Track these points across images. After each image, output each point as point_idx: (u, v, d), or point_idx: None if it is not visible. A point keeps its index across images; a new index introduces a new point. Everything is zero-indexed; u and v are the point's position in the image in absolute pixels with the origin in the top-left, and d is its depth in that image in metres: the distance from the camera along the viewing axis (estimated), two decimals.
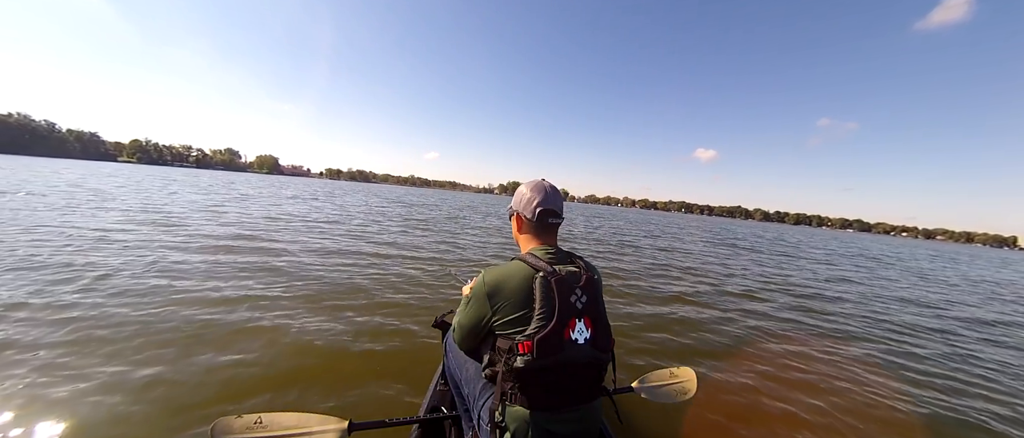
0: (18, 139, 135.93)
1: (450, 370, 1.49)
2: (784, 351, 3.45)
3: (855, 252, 19.22)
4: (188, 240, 5.75)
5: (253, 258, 4.95)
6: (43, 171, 22.74)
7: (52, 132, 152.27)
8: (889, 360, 3.47)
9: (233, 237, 6.35)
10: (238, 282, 3.86)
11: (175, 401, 1.92)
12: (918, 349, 3.85)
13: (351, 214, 12.86)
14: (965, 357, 3.74)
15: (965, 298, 7.54)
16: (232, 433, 1.21)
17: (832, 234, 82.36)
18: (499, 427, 1.08)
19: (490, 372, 1.13)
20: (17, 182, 13.10)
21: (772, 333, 3.95)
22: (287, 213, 11.18)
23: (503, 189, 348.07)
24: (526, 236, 1.28)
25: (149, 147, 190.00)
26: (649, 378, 1.80)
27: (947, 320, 5.32)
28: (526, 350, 1.03)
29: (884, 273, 10.69)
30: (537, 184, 1.27)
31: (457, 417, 1.52)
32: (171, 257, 4.60)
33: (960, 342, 4.26)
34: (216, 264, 4.47)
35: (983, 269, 16.59)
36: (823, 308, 5.31)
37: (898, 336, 4.26)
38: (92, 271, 3.73)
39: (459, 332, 1.22)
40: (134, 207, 9.07)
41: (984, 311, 6.32)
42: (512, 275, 1.10)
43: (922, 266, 14.80)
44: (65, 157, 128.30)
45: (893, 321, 4.92)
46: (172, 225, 6.96)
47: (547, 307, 1.04)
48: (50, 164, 39.40)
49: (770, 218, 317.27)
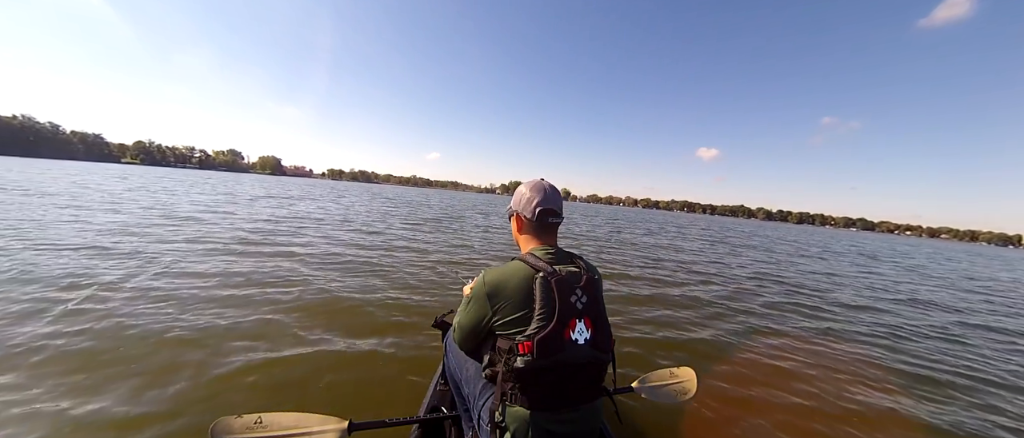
0: (22, 141, 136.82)
1: (450, 370, 1.49)
2: (785, 351, 3.43)
3: (856, 251, 19.14)
4: (190, 241, 5.77)
5: (253, 258, 4.96)
6: (56, 173, 22.85)
7: (56, 134, 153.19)
8: (889, 358, 3.45)
9: (233, 238, 6.37)
10: (235, 282, 3.87)
11: (175, 401, 1.92)
12: (918, 348, 3.83)
13: (353, 214, 12.88)
14: (965, 358, 3.71)
15: (965, 296, 7.50)
16: (232, 433, 1.21)
17: (834, 233, 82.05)
18: (499, 427, 1.08)
19: (490, 372, 1.13)
20: (69, 186, 13.18)
21: (772, 332, 3.93)
22: (288, 214, 11.21)
23: (504, 189, 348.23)
24: (526, 236, 1.28)
25: (152, 148, 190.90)
26: (649, 378, 1.80)
27: (949, 319, 5.29)
28: (526, 350, 1.03)
29: (879, 269, 10.65)
30: (536, 184, 1.27)
31: (457, 417, 1.52)
32: (167, 258, 4.61)
33: (966, 342, 4.23)
34: (215, 266, 4.48)
35: (981, 268, 16.49)
36: (824, 307, 5.28)
37: (898, 335, 4.23)
38: (91, 279, 3.75)
39: (459, 332, 1.22)
40: (147, 205, 9.11)
41: (984, 313, 6.28)
42: (512, 275, 1.10)
43: (921, 264, 14.73)
44: (69, 159, 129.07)
45: (893, 320, 4.89)
46: (181, 224, 7.00)
47: (547, 307, 1.04)
48: (56, 166, 39.60)
49: (773, 217, 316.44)
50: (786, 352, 3.40)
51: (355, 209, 15.53)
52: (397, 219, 12.53)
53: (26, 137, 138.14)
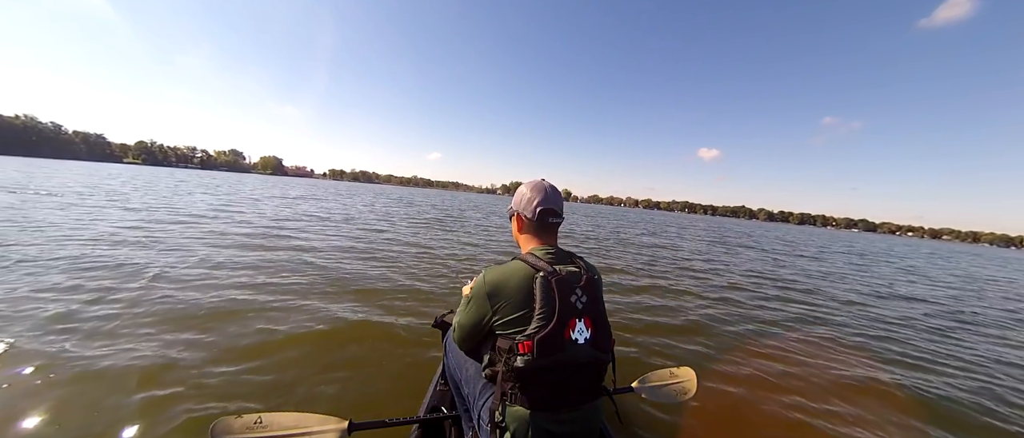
0: (25, 140, 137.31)
1: (450, 370, 1.49)
2: (784, 350, 3.42)
3: (856, 251, 19.10)
4: (194, 241, 5.78)
5: (251, 257, 4.96)
6: (80, 173, 22.92)
7: (58, 134, 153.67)
8: (888, 358, 3.44)
9: (237, 239, 6.38)
10: (236, 282, 3.88)
11: (173, 400, 1.92)
12: (918, 347, 3.81)
13: (354, 214, 12.89)
14: (965, 358, 3.70)
15: (964, 295, 7.48)
16: (232, 433, 1.20)
17: (835, 234, 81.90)
18: (499, 427, 1.08)
19: (490, 372, 1.12)
20: (89, 185, 13.22)
21: (772, 332, 3.92)
22: (291, 214, 11.22)
23: (505, 189, 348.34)
24: (526, 236, 1.28)
25: (154, 148, 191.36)
26: (649, 378, 1.79)
27: (948, 318, 5.27)
28: (526, 350, 1.02)
29: (880, 270, 10.61)
30: (537, 184, 1.28)
31: (457, 417, 1.52)
32: (167, 259, 4.62)
33: (965, 341, 4.22)
34: (217, 265, 4.49)
35: (977, 269, 16.44)
36: (823, 306, 5.27)
37: (897, 334, 4.22)
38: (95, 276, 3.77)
39: (459, 332, 1.22)
40: (153, 206, 9.13)
41: (980, 307, 6.26)
42: (512, 275, 1.10)
43: (920, 264, 14.69)
44: (71, 158, 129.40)
45: (892, 319, 4.88)
46: (185, 223, 7.02)
47: (547, 307, 1.04)
48: (63, 166, 39.72)
49: (774, 218, 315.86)
50: (786, 351, 3.39)
51: (358, 208, 15.55)
52: (398, 218, 12.54)
53: (29, 137, 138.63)
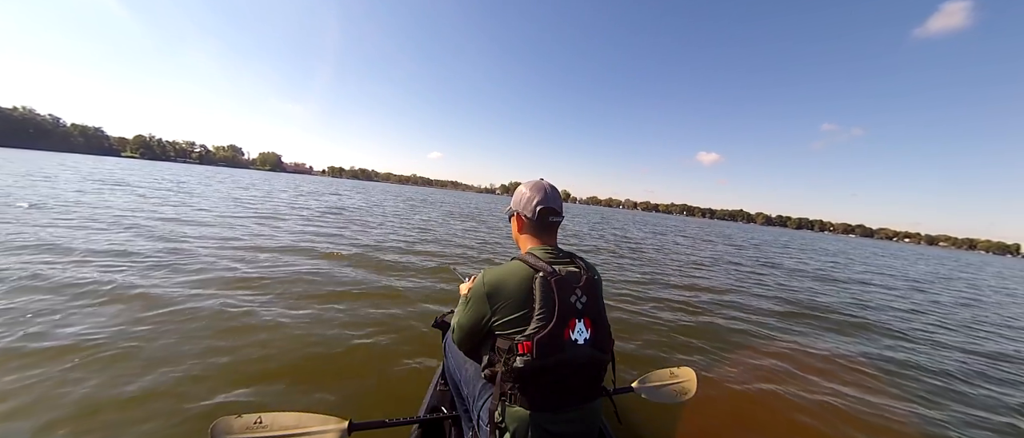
0: (22, 133, 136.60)
1: (450, 370, 1.49)
2: (784, 350, 3.44)
3: (856, 257, 19.16)
4: (184, 240, 5.76)
5: (251, 257, 4.95)
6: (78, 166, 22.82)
7: (56, 126, 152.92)
8: (886, 358, 3.46)
9: (232, 236, 6.36)
10: (233, 281, 3.87)
11: (173, 400, 1.92)
12: (913, 353, 3.82)
13: (355, 213, 12.87)
14: (966, 357, 3.71)
15: (958, 297, 7.50)
16: (232, 433, 1.20)
17: (833, 239, 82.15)
18: (499, 427, 1.08)
19: (490, 372, 1.12)
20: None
21: (772, 333, 3.93)
22: (291, 211, 11.19)
23: (504, 189, 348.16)
24: (526, 236, 1.28)
25: (153, 143, 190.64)
26: (649, 378, 1.79)
27: (946, 319, 5.29)
28: (526, 350, 1.02)
29: (878, 277, 10.65)
30: (536, 184, 1.27)
31: (457, 417, 1.51)
32: (167, 260, 4.61)
33: (966, 341, 4.23)
34: (212, 264, 4.47)
35: (980, 275, 16.49)
36: (821, 309, 5.28)
37: (897, 334, 4.24)
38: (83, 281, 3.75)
39: (458, 332, 1.22)
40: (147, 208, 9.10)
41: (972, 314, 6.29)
42: (512, 275, 1.09)
43: (917, 275, 14.74)
44: (69, 151, 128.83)
45: (891, 321, 4.89)
46: (181, 222, 6.99)
47: (547, 307, 1.04)
48: (60, 158, 39.52)
49: (772, 222, 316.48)
50: (785, 351, 3.41)
51: (357, 205, 15.52)
52: (398, 218, 12.52)
53: (26, 129, 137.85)
